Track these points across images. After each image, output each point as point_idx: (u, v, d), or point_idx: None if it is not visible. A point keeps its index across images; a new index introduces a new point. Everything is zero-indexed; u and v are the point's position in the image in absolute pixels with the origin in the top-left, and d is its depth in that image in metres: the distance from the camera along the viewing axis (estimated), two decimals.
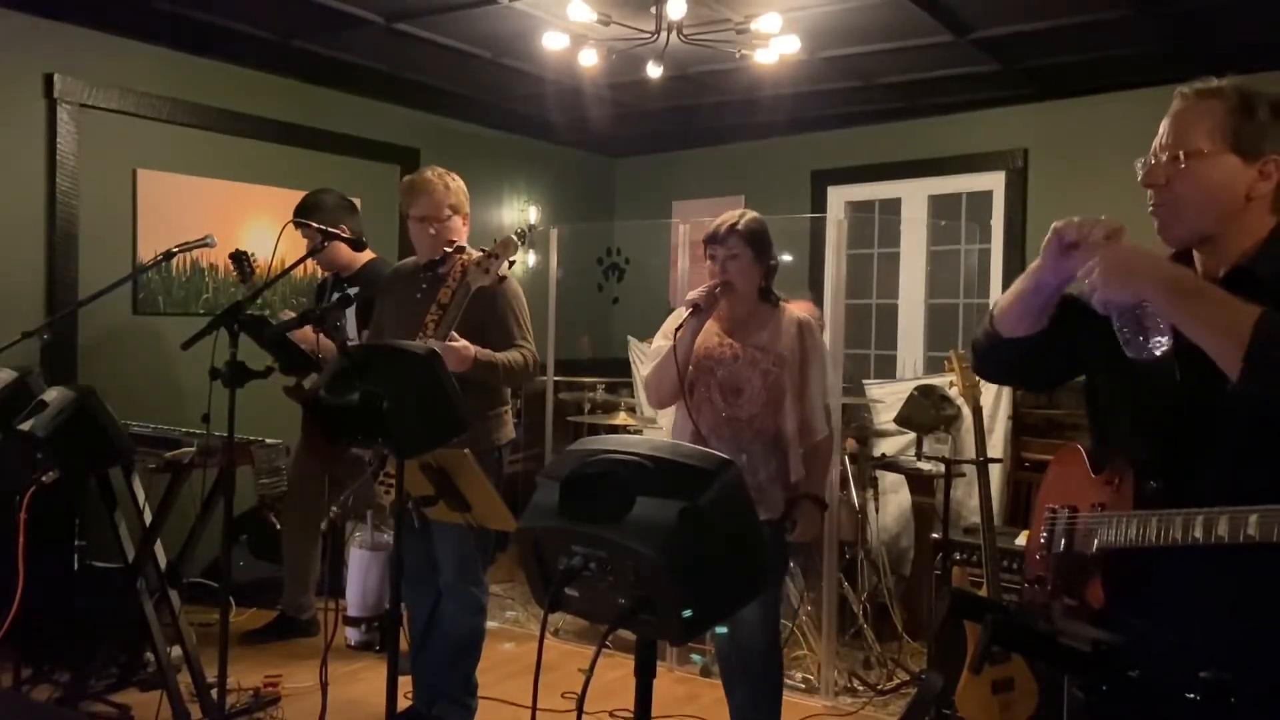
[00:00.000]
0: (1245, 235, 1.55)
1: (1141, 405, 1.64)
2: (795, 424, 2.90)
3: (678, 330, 2.85)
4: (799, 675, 3.96)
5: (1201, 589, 1.53)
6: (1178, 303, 1.42)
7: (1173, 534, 1.51)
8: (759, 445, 2.87)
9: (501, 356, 3.13)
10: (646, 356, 3.06)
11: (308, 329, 3.05)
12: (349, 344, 3.45)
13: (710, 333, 2.96)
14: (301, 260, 3.48)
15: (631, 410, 4.73)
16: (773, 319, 2.98)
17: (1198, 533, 1.47)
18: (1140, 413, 1.65)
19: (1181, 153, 1.55)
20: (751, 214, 2.98)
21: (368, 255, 4.16)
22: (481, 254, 3.10)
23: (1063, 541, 1.74)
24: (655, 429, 4.46)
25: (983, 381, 4.15)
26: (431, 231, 3.26)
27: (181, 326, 4.10)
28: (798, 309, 4.67)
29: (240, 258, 3.97)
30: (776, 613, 3.05)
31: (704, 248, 2.94)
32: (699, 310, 2.85)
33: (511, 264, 3.13)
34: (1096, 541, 1.65)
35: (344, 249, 4.09)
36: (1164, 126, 1.61)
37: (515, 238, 3.13)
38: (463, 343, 3.00)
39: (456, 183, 3.34)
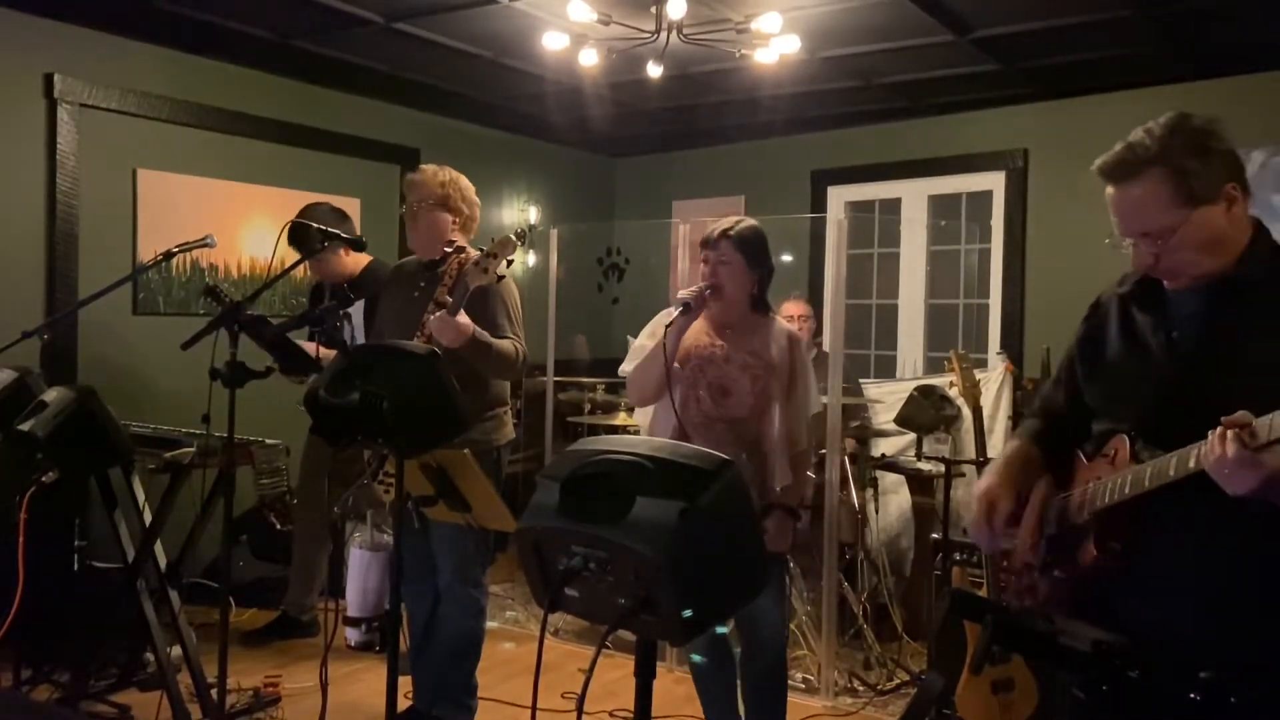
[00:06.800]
0: (1232, 247, 1.69)
1: (1129, 382, 1.77)
2: (781, 431, 2.89)
3: (668, 328, 2.84)
4: (799, 675, 3.96)
5: (1185, 534, 1.62)
6: None
7: (1154, 478, 1.58)
8: (739, 448, 2.84)
9: (496, 341, 3.12)
10: (629, 354, 3.04)
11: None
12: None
13: (700, 333, 2.95)
14: (298, 264, 3.47)
15: (631, 410, 4.73)
16: (762, 327, 2.96)
17: (1172, 472, 1.55)
18: (1129, 388, 1.77)
19: (1154, 233, 1.67)
20: (749, 221, 2.97)
21: (366, 258, 4.16)
22: (480, 253, 3.09)
23: (1055, 522, 1.84)
24: None
25: (983, 381, 4.15)
26: (419, 221, 3.28)
27: (181, 327, 4.09)
28: (791, 308, 4.70)
29: (213, 292, 3.98)
30: (783, 619, 3.02)
31: (701, 251, 2.95)
32: (688, 309, 2.85)
33: (509, 263, 3.11)
34: (1088, 509, 1.75)
35: (343, 258, 4.09)
36: (1117, 214, 1.71)
37: (514, 237, 3.11)
38: (464, 319, 2.96)
39: (453, 180, 3.34)
